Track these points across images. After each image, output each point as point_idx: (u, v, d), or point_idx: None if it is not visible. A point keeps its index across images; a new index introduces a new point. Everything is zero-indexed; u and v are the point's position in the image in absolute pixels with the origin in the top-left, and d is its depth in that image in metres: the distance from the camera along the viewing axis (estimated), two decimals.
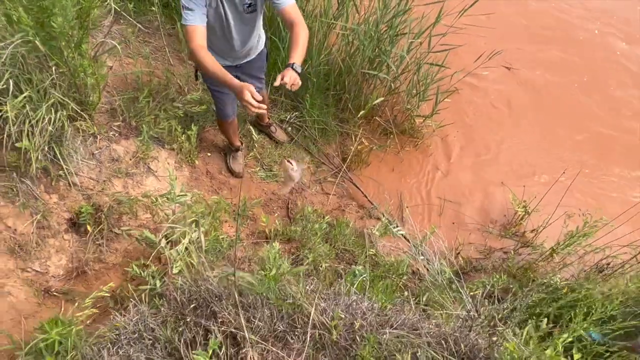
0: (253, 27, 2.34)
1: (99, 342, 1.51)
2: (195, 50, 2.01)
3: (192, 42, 2.01)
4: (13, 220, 2.01)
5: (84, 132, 2.23)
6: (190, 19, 1.99)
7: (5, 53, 1.80)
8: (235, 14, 2.17)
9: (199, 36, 2.02)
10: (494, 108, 4.24)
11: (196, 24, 2.00)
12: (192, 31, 2.01)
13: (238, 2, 2.12)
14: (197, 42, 2.01)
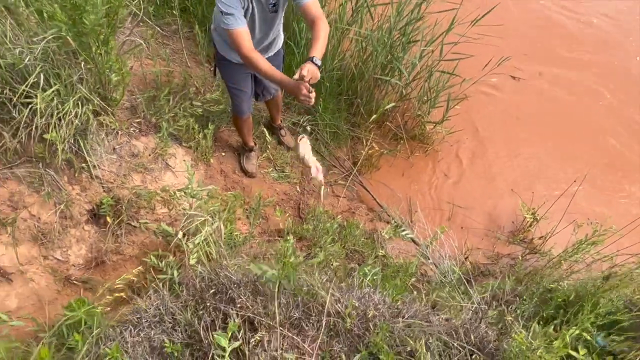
0: (274, 25, 2.43)
1: (121, 324, 1.56)
2: (247, 54, 2.10)
3: (242, 48, 2.10)
4: (37, 209, 2.09)
5: (106, 127, 2.31)
6: (232, 23, 2.07)
7: (38, 48, 1.89)
8: (260, 13, 2.26)
9: (246, 39, 2.11)
10: (504, 116, 4.28)
11: (240, 27, 2.09)
12: (239, 35, 2.09)
13: (264, 2, 2.20)
14: (247, 45, 2.10)
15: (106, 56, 2.13)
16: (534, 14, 5.30)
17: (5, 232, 1.98)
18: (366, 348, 1.44)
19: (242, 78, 2.67)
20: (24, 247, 2.04)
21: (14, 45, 1.88)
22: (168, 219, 2.53)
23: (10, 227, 1.98)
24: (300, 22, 3.53)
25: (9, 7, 1.92)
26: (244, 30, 2.12)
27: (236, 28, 2.09)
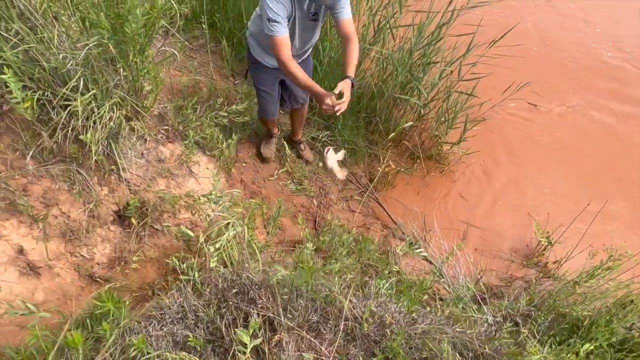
0: (312, 34, 2.58)
1: (145, 319, 1.62)
2: (285, 62, 2.26)
3: (282, 55, 2.25)
4: (68, 207, 2.17)
5: (137, 132, 2.41)
6: (277, 30, 2.22)
7: (81, 54, 2.00)
8: (301, 21, 2.40)
9: (286, 47, 2.26)
10: (522, 140, 4.33)
11: (283, 34, 2.24)
12: (280, 42, 2.24)
13: (306, 10, 2.33)
14: (286, 53, 2.26)
15: (141, 64, 2.24)
16: (554, 39, 5.38)
17: (37, 227, 2.07)
18: (382, 353, 1.47)
19: (271, 82, 2.84)
20: (53, 242, 2.12)
21: (59, 51, 1.99)
22: (189, 224, 2.60)
23: (41, 223, 2.07)
24: (324, 41, 3.64)
25: (57, 16, 2.04)
26: (286, 37, 2.27)
27: (279, 35, 2.24)
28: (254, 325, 1.37)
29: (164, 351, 1.41)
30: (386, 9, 3.58)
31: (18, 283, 1.99)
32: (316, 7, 2.42)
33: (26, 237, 2.04)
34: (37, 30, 1.99)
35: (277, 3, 2.21)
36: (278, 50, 2.28)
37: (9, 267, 1.97)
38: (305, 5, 2.38)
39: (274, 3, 2.21)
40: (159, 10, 2.15)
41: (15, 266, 2.00)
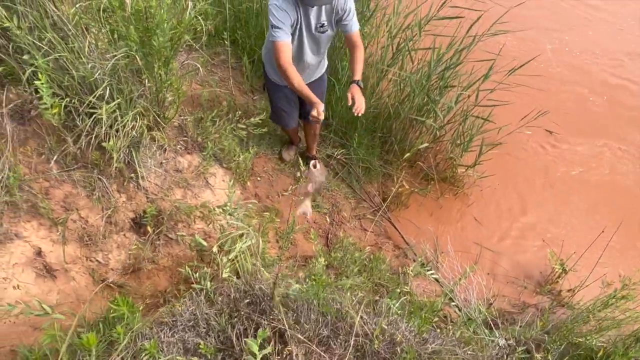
0: (322, 46, 2.66)
1: (157, 325, 1.63)
2: (283, 65, 2.35)
3: (281, 58, 2.34)
4: (87, 212, 2.22)
5: (157, 142, 2.46)
6: (278, 35, 2.31)
7: (109, 64, 2.07)
8: (308, 33, 2.49)
9: (287, 52, 2.35)
10: (538, 166, 4.31)
11: (284, 40, 2.32)
12: (281, 47, 2.33)
13: (313, 23, 2.41)
14: (286, 58, 2.35)
15: (165, 76, 2.30)
16: (575, 68, 5.38)
17: (56, 231, 2.11)
18: None
19: (286, 97, 2.92)
20: (71, 246, 2.16)
21: (88, 61, 2.06)
22: (202, 235, 2.63)
23: (61, 227, 2.11)
24: (342, 60, 3.70)
25: (87, 27, 2.13)
26: (287, 43, 2.35)
27: (281, 40, 2.33)
28: (261, 334, 1.37)
29: (175, 356, 1.42)
30: (405, 32, 3.64)
31: (34, 284, 2.03)
32: (325, 18, 2.50)
33: (45, 239, 2.08)
34: (69, 40, 2.07)
35: (281, 11, 2.31)
36: (277, 54, 2.36)
37: (27, 268, 2.01)
38: (312, 16, 2.46)
39: (277, 11, 2.31)
40: (186, 25, 2.22)
41: (33, 267, 2.04)
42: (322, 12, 2.47)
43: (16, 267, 1.97)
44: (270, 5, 2.32)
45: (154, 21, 2.00)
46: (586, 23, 6.02)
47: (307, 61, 2.69)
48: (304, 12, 2.42)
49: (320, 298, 1.62)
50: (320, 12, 2.47)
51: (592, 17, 6.11)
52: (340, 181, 3.80)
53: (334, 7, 2.46)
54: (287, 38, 2.36)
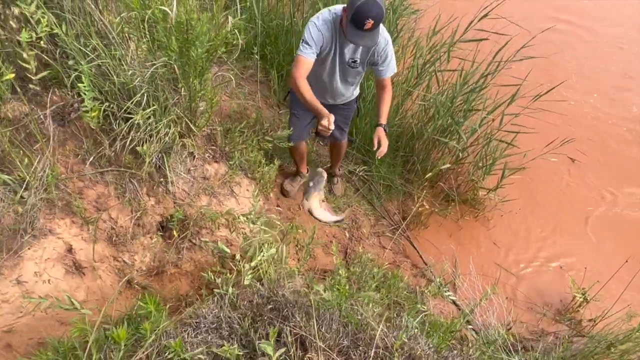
0: (348, 78, 2.69)
1: (181, 326, 1.67)
2: (297, 77, 2.39)
3: (297, 71, 2.39)
4: (117, 213, 2.29)
5: (187, 149, 2.53)
6: (305, 51, 2.36)
7: (148, 72, 2.16)
8: (340, 64, 2.51)
9: (305, 67, 2.39)
10: (562, 193, 4.28)
11: (308, 57, 2.37)
12: (302, 61, 2.38)
13: (347, 56, 2.46)
14: (302, 72, 2.39)
15: (199, 86, 2.39)
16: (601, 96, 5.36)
17: (87, 229, 2.18)
18: None
19: (303, 109, 2.91)
20: (100, 245, 2.23)
21: (128, 68, 2.16)
22: (225, 242, 2.68)
23: (92, 226, 2.18)
24: (368, 79, 3.76)
25: (130, 36, 2.23)
26: (308, 61, 2.39)
27: (305, 56, 2.37)
28: (272, 334, 1.40)
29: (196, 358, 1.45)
30: (432, 53, 3.70)
31: (63, 280, 2.09)
32: (360, 56, 2.53)
33: (76, 237, 2.15)
34: (112, 47, 2.17)
35: (317, 31, 2.35)
36: (295, 67, 2.41)
37: (57, 263, 2.08)
38: (347, 49, 2.49)
39: (314, 29, 2.35)
40: (222, 38, 2.31)
41: (63, 264, 2.11)
42: (359, 50, 2.50)
43: (48, 262, 2.04)
44: (310, 21, 2.37)
45: (194, 33, 2.08)
46: (616, 52, 6.00)
47: (335, 86, 2.74)
48: (340, 43, 2.46)
49: (343, 308, 1.64)
50: (357, 49, 2.50)
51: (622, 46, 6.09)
52: (360, 197, 3.82)
53: (370, 49, 2.49)
54: (311, 57, 2.40)
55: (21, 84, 2.05)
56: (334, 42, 2.45)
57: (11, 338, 1.87)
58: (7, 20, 1.99)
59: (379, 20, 2.19)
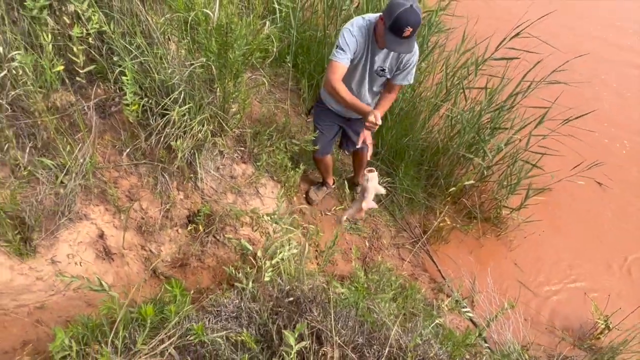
0: (374, 87, 2.73)
1: (202, 313, 1.74)
2: (334, 81, 2.42)
3: (333, 75, 2.42)
4: (147, 204, 2.39)
5: (217, 147, 2.63)
6: (339, 57, 2.39)
7: (186, 72, 2.27)
8: (370, 72, 2.56)
9: (340, 72, 2.43)
10: (587, 218, 4.21)
11: (342, 62, 2.40)
12: (337, 67, 2.41)
13: (377, 64, 2.50)
14: (338, 76, 2.42)
15: (233, 88, 2.49)
16: (633, 124, 5.28)
17: (119, 217, 2.28)
18: None
19: (329, 123, 3.01)
20: (129, 233, 2.32)
21: (169, 66, 2.27)
22: (247, 240, 2.74)
23: (124, 214, 2.28)
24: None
25: (171, 37, 2.35)
26: (343, 66, 2.42)
27: (338, 62, 2.40)
28: (299, 328, 1.44)
29: (216, 344, 1.51)
30: (461, 70, 3.74)
31: (93, 264, 2.19)
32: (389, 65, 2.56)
33: (109, 224, 2.26)
34: (154, 46, 2.29)
35: (352, 37, 2.39)
36: (330, 73, 2.43)
37: (89, 248, 2.18)
38: (377, 57, 2.53)
39: (349, 36, 2.39)
40: (259, 43, 2.41)
41: (94, 248, 2.21)
42: (389, 58, 2.53)
43: (80, 245, 2.14)
44: (345, 28, 2.42)
45: (233, 36, 2.19)
46: None
47: (363, 95, 2.77)
48: (371, 51, 2.50)
49: (360, 307, 1.68)
50: (387, 57, 2.53)
51: None
52: (382, 208, 3.85)
53: (401, 58, 2.53)
54: (346, 62, 2.43)
55: (69, 76, 2.19)
56: (366, 49, 2.50)
57: (42, 314, 1.97)
58: (62, 16, 2.14)
59: (416, 27, 2.23)
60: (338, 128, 3.08)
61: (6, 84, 1.95)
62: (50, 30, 2.01)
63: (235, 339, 1.55)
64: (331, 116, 2.97)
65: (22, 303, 1.96)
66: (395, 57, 2.53)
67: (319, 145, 3.05)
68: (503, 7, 6.27)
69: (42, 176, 2.03)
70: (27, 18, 2.07)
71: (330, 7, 4.15)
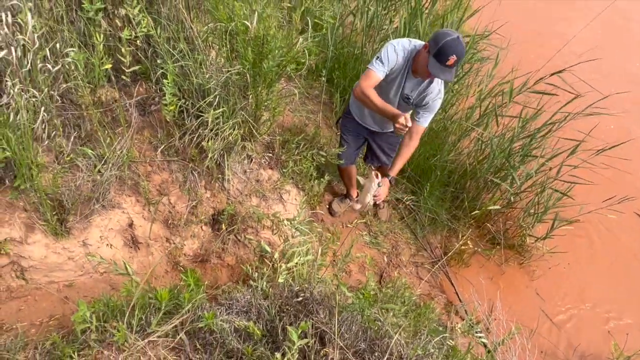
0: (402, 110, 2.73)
1: (214, 305, 1.83)
2: (365, 87, 2.47)
3: (366, 82, 2.48)
4: (175, 200, 2.52)
5: (246, 151, 2.74)
6: (376, 67, 2.45)
7: (223, 77, 2.40)
8: (400, 95, 2.63)
9: (373, 81, 2.48)
10: (616, 253, 4.09)
11: (378, 73, 2.46)
12: (371, 75, 2.47)
13: (406, 90, 2.55)
14: (370, 83, 2.48)
15: (266, 96, 2.60)
16: None
17: (148, 209, 2.42)
18: None
19: (355, 134, 3.08)
20: (156, 225, 2.45)
21: (207, 71, 2.41)
22: (267, 243, 2.83)
23: (153, 207, 2.42)
24: None
25: (212, 44, 2.50)
26: (377, 76, 2.47)
27: (374, 71, 2.46)
28: (303, 327, 1.50)
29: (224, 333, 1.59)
30: (495, 97, 3.75)
31: (120, 250, 2.32)
32: (416, 96, 2.60)
33: (138, 214, 2.39)
34: (196, 52, 2.44)
35: (394, 53, 2.44)
36: (363, 79, 2.49)
37: (118, 235, 2.32)
38: (408, 83, 2.57)
39: (391, 52, 2.44)
40: (293, 56, 2.53)
41: (123, 236, 2.35)
42: (416, 90, 2.58)
43: (111, 232, 2.28)
44: (390, 42, 2.47)
45: (268, 47, 2.31)
46: None
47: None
48: (406, 75, 2.54)
49: (365, 314, 1.73)
50: (415, 88, 2.57)
51: None
52: (404, 226, 3.87)
53: (426, 92, 2.56)
54: (381, 74, 2.48)
55: (115, 74, 2.37)
56: (402, 72, 2.54)
57: (70, 292, 2.11)
58: (114, 19, 2.32)
59: (460, 57, 2.28)
60: (364, 140, 3.16)
61: (59, 77, 2.13)
62: (102, 31, 2.19)
63: (240, 326, 1.63)
64: (357, 128, 3.05)
65: (53, 280, 2.11)
66: (420, 92, 2.58)
67: (343, 154, 3.13)
68: (549, 35, 6.23)
69: (82, 164, 2.20)
70: (83, 19, 2.25)
71: (369, 26, 4.26)
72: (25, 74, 1.93)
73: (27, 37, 1.86)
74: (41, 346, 1.71)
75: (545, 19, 7.13)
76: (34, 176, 1.93)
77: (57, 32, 2.13)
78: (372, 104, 2.50)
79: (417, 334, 2.78)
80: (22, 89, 1.88)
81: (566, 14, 7.22)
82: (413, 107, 2.71)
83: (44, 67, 2.01)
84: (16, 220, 2.01)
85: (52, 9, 2.13)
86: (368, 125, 2.99)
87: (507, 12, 4.54)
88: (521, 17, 6.52)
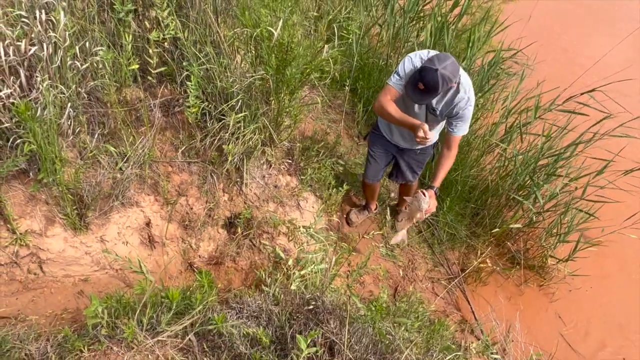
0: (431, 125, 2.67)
1: (226, 308, 1.82)
2: (385, 102, 2.45)
3: (385, 96, 2.46)
4: (193, 201, 2.53)
5: (266, 156, 2.75)
6: (393, 82, 2.43)
7: (246, 82, 2.42)
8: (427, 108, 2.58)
9: (392, 95, 2.46)
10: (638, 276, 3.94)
11: (396, 88, 2.43)
12: (390, 90, 2.45)
13: (432, 103, 2.51)
14: (387, 98, 2.46)
15: (288, 103, 2.61)
16: None
17: (166, 209, 2.44)
18: None
19: (382, 151, 3.02)
20: (173, 225, 2.47)
21: (231, 75, 2.43)
22: (282, 250, 2.82)
23: (171, 207, 2.44)
24: None
25: (238, 49, 2.53)
26: (394, 90, 2.45)
27: (392, 86, 2.44)
28: (312, 335, 1.48)
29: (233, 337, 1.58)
30: (520, 114, 3.68)
31: (137, 248, 2.35)
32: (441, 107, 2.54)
33: (156, 214, 2.42)
34: (221, 56, 2.47)
35: (411, 65, 2.40)
36: (383, 94, 2.47)
37: (135, 233, 2.35)
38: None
39: (409, 63, 2.41)
40: (317, 64, 2.53)
41: (140, 235, 2.37)
42: (444, 99, 2.51)
43: (128, 230, 2.31)
44: (407, 56, 2.44)
45: (292, 54, 2.32)
46: None
47: None
48: None
49: (376, 327, 1.69)
50: (442, 98, 2.51)
51: None
52: (422, 240, 3.81)
53: (453, 102, 2.50)
54: (399, 88, 2.45)
55: (141, 75, 2.41)
56: None
57: (85, 286, 2.14)
58: (144, 20, 2.36)
59: (430, 87, 2.24)
60: (391, 157, 3.09)
61: (87, 75, 2.18)
62: (132, 32, 2.23)
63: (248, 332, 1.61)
64: (385, 144, 2.99)
65: (69, 273, 2.14)
66: (448, 103, 2.51)
67: (370, 171, 3.08)
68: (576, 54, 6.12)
69: (104, 161, 2.23)
70: (114, 19, 2.31)
71: (395, 38, 4.25)
72: (54, 70, 1.98)
73: (58, 35, 1.91)
74: (53, 338, 1.72)
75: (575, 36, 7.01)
76: (57, 170, 1.97)
77: (88, 31, 2.18)
78: (390, 117, 2.48)
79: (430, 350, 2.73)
80: (51, 85, 1.93)
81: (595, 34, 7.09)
82: (444, 119, 2.65)
83: (73, 65, 2.06)
84: (37, 213, 2.05)
85: (85, 8, 2.18)
86: (396, 143, 2.93)
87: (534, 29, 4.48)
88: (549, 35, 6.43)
